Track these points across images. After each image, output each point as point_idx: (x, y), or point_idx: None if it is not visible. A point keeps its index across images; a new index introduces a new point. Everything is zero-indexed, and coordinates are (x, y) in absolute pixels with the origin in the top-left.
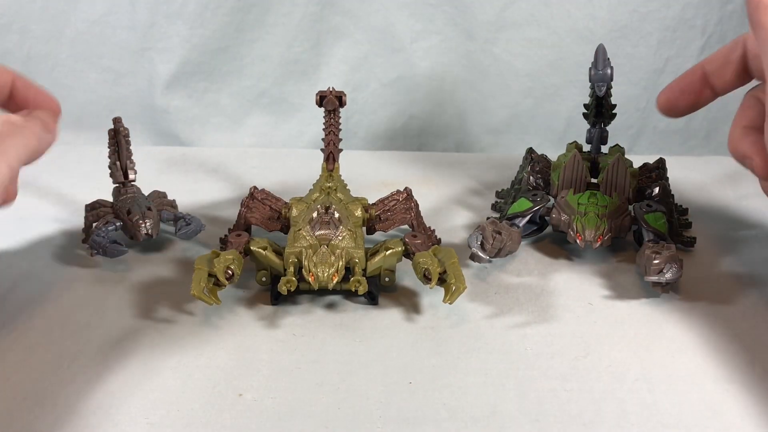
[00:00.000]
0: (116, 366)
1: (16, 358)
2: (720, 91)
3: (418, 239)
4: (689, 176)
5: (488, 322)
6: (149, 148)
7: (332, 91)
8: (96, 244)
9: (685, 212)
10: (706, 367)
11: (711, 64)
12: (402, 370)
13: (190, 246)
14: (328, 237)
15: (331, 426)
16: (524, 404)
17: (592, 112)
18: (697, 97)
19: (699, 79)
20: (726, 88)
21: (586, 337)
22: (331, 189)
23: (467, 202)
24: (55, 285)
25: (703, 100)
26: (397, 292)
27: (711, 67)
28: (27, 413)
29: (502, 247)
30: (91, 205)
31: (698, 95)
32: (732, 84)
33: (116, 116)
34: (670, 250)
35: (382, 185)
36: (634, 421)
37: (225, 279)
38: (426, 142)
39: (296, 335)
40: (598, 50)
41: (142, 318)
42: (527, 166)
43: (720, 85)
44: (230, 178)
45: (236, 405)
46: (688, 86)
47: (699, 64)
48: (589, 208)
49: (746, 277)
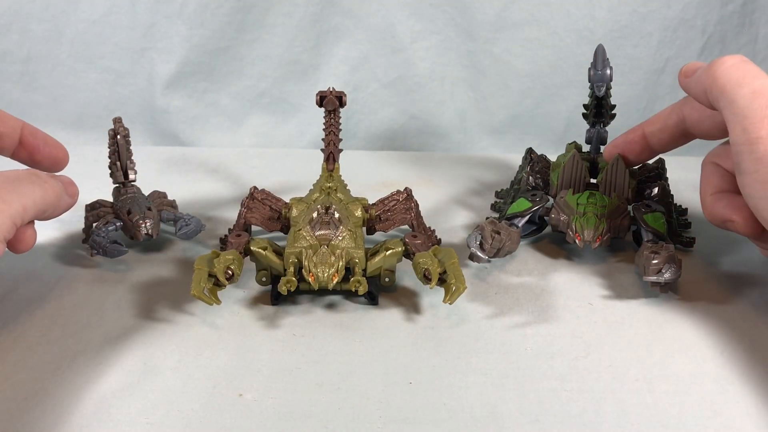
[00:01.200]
0: (116, 366)
1: (16, 358)
2: (659, 150)
3: (418, 239)
4: (689, 176)
5: (488, 322)
6: (149, 148)
7: (332, 91)
8: (96, 244)
9: (685, 212)
10: (706, 367)
11: (650, 127)
12: (402, 370)
13: (190, 246)
14: (328, 237)
15: (331, 426)
16: (524, 404)
17: (592, 113)
18: (637, 155)
19: (639, 139)
20: (665, 148)
21: (586, 337)
22: (331, 189)
23: (467, 202)
24: (55, 285)
25: (643, 157)
26: (397, 292)
27: (650, 129)
28: (27, 413)
29: (501, 247)
30: (91, 205)
31: (638, 154)
32: (669, 145)
33: (116, 116)
34: (668, 251)
35: (382, 185)
36: (634, 421)
37: (225, 279)
38: (426, 142)
39: (296, 335)
40: (598, 50)
41: (142, 318)
42: (526, 166)
43: (658, 146)
44: (230, 178)
45: (236, 405)
46: (629, 144)
47: (640, 126)
48: (588, 209)
49: (746, 277)
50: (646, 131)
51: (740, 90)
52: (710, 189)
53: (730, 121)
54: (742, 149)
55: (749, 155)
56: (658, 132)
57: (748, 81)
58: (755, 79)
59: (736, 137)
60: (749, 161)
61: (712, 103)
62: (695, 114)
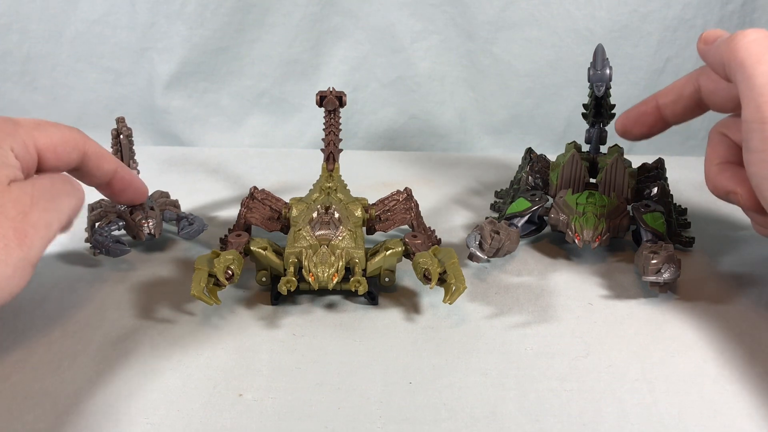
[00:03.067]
0: (116, 366)
1: (16, 358)
2: (672, 122)
3: (418, 239)
4: (688, 176)
5: (488, 322)
6: (149, 148)
7: (332, 91)
8: (99, 243)
9: (684, 212)
10: (706, 367)
11: (664, 98)
12: (402, 370)
13: (192, 246)
14: (328, 237)
15: (331, 426)
16: (524, 404)
17: (591, 112)
18: (650, 127)
19: (652, 110)
20: (678, 120)
21: (586, 337)
22: (331, 189)
23: (467, 202)
24: (56, 285)
25: (656, 130)
26: (397, 292)
27: (664, 100)
28: (27, 413)
29: (501, 246)
30: (94, 205)
31: (651, 126)
32: (684, 117)
33: (119, 116)
34: (668, 250)
35: (382, 185)
36: (634, 421)
37: (225, 279)
38: (426, 142)
39: (296, 335)
40: (597, 50)
41: (143, 318)
42: (526, 165)
43: (672, 118)
44: (230, 178)
45: (236, 405)
46: (642, 116)
47: (653, 96)
48: (587, 208)
49: (745, 277)
50: (660, 102)
51: (760, 67)
52: (716, 158)
53: (745, 96)
54: (753, 126)
55: (760, 134)
56: (672, 103)
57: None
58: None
59: (748, 114)
60: (759, 140)
61: (728, 76)
62: (711, 84)
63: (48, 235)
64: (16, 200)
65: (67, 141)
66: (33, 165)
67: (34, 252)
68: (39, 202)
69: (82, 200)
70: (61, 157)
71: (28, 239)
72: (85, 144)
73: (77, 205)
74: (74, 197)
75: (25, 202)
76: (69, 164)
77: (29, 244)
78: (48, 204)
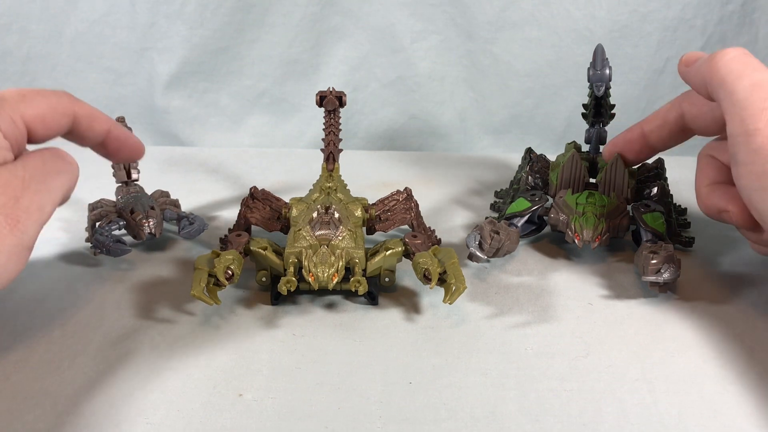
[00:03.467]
0: (116, 366)
1: (16, 358)
2: (659, 148)
3: (418, 239)
4: (688, 176)
5: (488, 322)
6: (149, 148)
7: (332, 91)
8: (99, 243)
9: (684, 212)
10: (706, 367)
11: (649, 124)
12: (402, 370)
13: (192, 246)
14: (328, 237)
15: (331, 426)
16: (524, 404)
17: (591, 112)
18: (636, 154)
19: (638, 137)
20: (664, 146)
21: (586, 337)
22: (331, 189)
23: (467, 202)
24: (56, 284)
25: (643, 156)
26: (397, 292)
27: (649, 126)
28: (27, 413)
29: (500, 246)
30: (95, 205)
31: (638, 152)
32: (669, 142)
33: (120, 116)
34: (667, 250)
35: (382, 185)
36: (634, 421)
37: (225, 279)
38: (426, 142)
39: (296, 335)
40: (597, 50)
41: (143, 318)
42: (526, 165)
43: (658, 144)
44: (230, 178)
45: (236, 405)
46: (628, 144)
47: (638, 124)
48: (587, 208)
49: (745, 277)
50: (644, 129)
51: (740, 82)
52: (705, 180)
53: (728, 112)
54: (738, 140)
55: (745, 147)
56: (657, 129)
57: (748, 73)
58: (755, 72)
59: (733, 128)
60: (745, 153)
61: (710, 94)
62: (694, 109)
63: (41, 217)
64: (6, 185)
65: (55, 108)
66: (23, 139)
67: (28, 236)
68: (30, 185)
69: (77, 174)
70: (50, 125)
71: (20, 224)
72: (74, 107)
73: (71, 181)
74: (67, 173)
75: (16, 186)
76: (59, 131)
77: (22, 229)
78: (40, 185)
